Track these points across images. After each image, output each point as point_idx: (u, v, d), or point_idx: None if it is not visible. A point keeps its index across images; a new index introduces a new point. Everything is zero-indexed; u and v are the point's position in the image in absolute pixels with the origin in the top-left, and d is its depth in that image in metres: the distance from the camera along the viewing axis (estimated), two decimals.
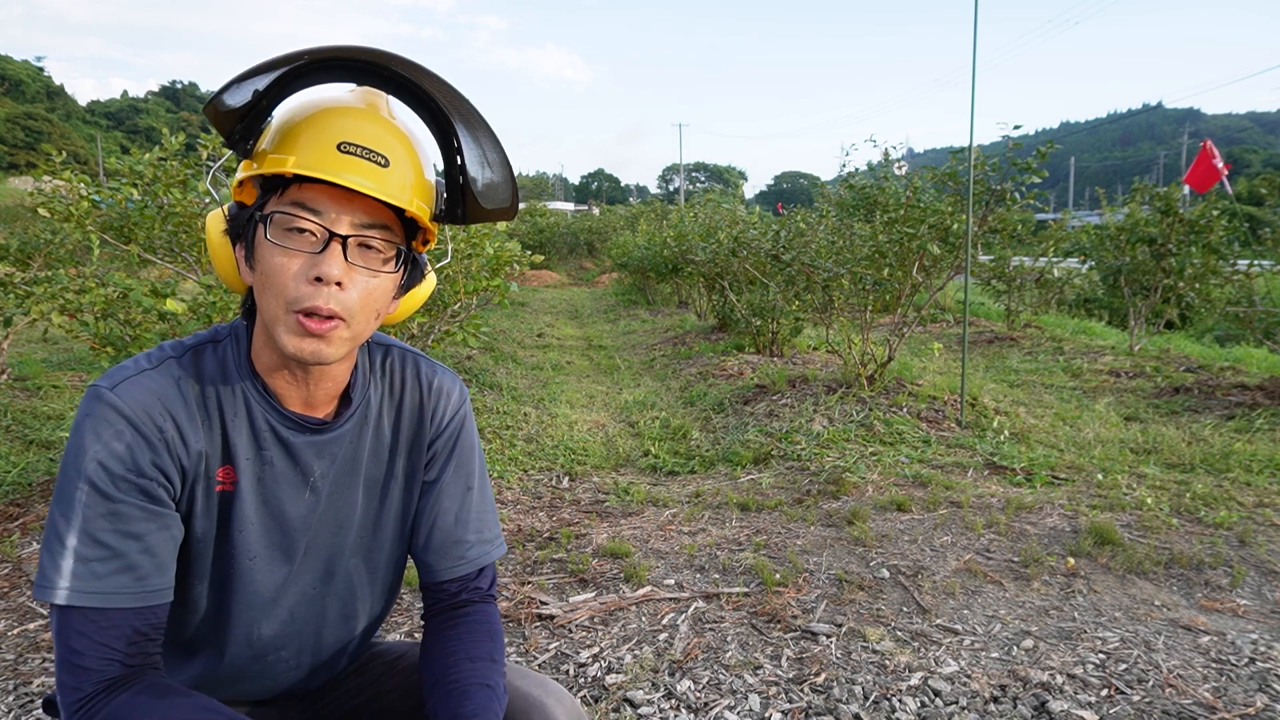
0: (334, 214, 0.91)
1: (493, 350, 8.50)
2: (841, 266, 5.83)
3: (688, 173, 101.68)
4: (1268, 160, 62.14)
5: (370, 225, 0.93)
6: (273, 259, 0.91)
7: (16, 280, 3.67)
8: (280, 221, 0.91)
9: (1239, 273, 7.27)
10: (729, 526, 3.47)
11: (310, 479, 1.04)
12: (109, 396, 0.91)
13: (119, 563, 0.90)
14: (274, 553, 1.04)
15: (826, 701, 2.11)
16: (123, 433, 0.90)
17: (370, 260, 0.94)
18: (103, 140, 60.74)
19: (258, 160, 0.93)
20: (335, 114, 0.92)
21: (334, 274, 0.90)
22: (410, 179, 0.95)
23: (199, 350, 1.00)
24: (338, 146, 0.89)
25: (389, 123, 0.95)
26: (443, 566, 1.15)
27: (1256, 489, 3.85)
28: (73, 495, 0.89)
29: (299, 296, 0.90)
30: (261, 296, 0.93)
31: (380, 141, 0.92)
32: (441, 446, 1.15)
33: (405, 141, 0.96)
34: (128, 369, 0.94)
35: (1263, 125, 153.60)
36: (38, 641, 2.43)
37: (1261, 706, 2.07)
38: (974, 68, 4.88)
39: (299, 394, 1.02)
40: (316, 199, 0.91)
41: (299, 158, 0.89)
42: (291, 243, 0.91)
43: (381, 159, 0.91)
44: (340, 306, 0.91)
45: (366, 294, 0.94)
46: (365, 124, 0.92)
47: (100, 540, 0.89)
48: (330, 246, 0.91)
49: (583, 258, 26.20)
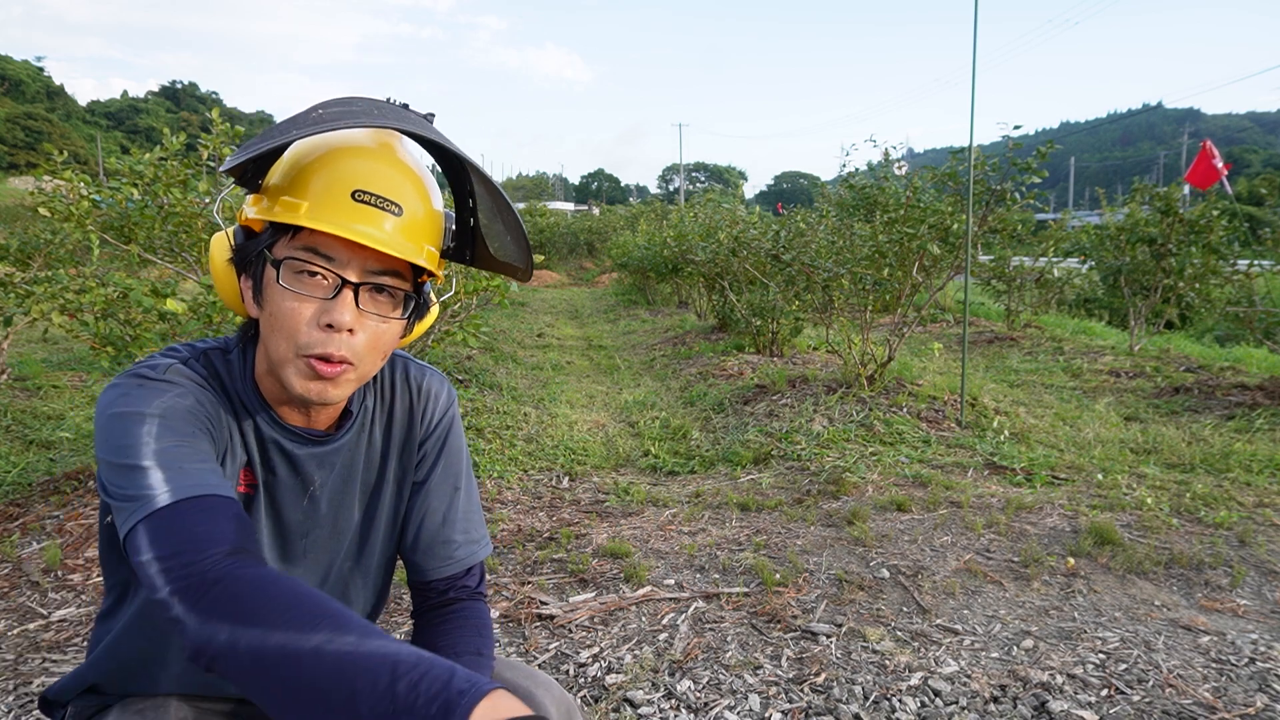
0: (345, 261, 0.91)
1: (493, 350, 8.50)
2: (841, 266, 5.83)
3: (688, 173, 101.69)
4: (1268, 160, 62.14)
5: (381, 272, 0.93)
6: (284, 304, 0.91)
7: (16, 280, 3.67)
8: (292, 266, 0.90)
9: (1239, 273, 7.27)
10: (729, 526, 3.47)
11: (310, 488, 1.06)
12: (163, 375, 0.91)
13: (208, 465, 0.87)
14: (272, 555, 1.06)
15: (826, 701, 2.11)
16: (185, 394, 0.90)
17: (381, 307, 0.95)
18: (103, 140, 60.75)
19: (269, 198, 0.92)
20: (349, 156, 0.91)
21: (345, 321, 0.90)
22: (422, 224, 0.95)
23: (210, 355, 1.00)
24: (352, 195, 0.89)
25: (403, 164, 0.95)
26: (431, 566, 1.16)
27: (1256, 489, 3.85)
28: (138, 432, 0.85)
29: (310, 342, 0.91)
30: (270, 337, 0.93)
31: (394, 187, 0.92)
32: (430, 448, 1.17)
33: (418, 184, 0.95)
34: (160, 361, 0.94)
35: (1263, 125, 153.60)
36: (38, 641, 2.43)
37: (1261, 706, 2.07)
38: (974, 68, 4.88)
39: (300, 418, 1.04)
40: (329, 245, 0.90)
41: (312, 204, 0.89)
42: (303, 288, 0.90)
43: (395, 207, 0.91)
44: (350, 352, 0.92)
45: (375, 338, 0.95)
46: (379, 166, 0.92)
47: (180, 455, 0.85)
48: (342, 293, 0.91)
49: (583, 258, 26.20)
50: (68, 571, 2.89)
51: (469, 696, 0.64)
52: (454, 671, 0.67)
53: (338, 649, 0.69)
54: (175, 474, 0.83)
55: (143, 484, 0.82)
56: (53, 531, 3.19)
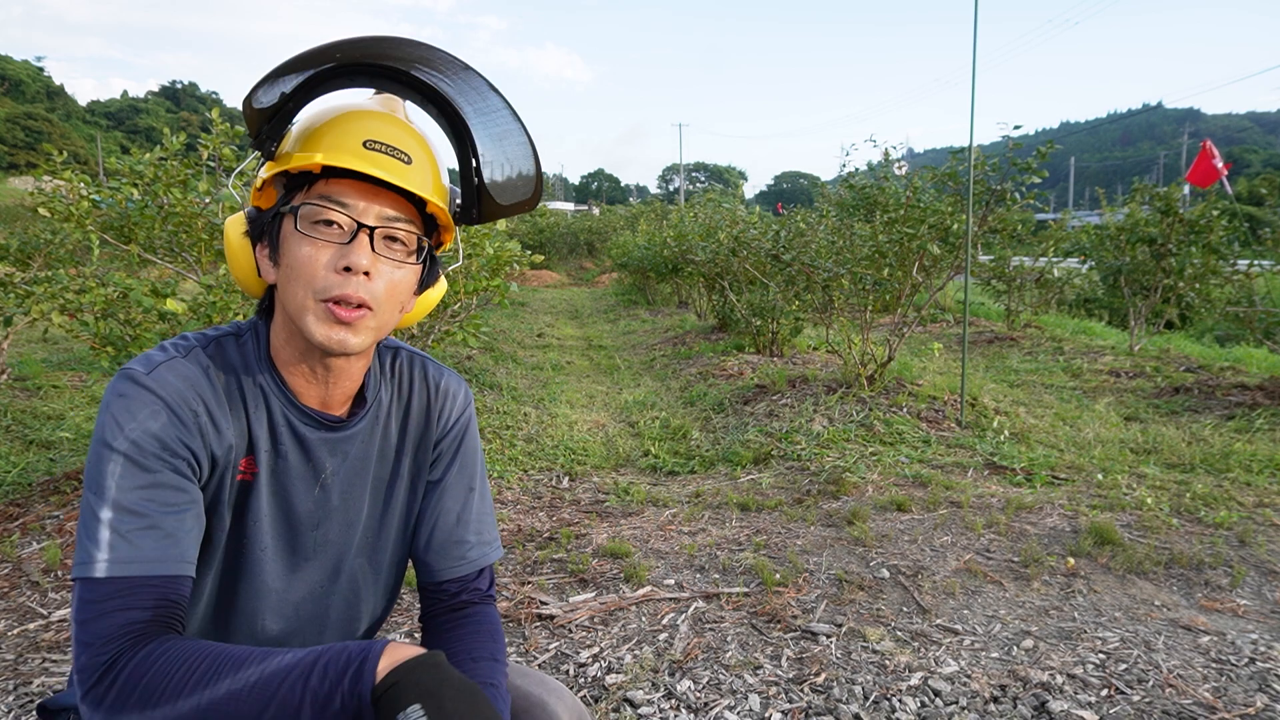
0: (361, 206, 0.94)
1: (493, 350, 8.50)
2: (841, 266, 5.83)
3: (688, 173, 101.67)
4: (1268, 160, 62.13)
5: (395, 218, 0.96)
6: (301, 250, 0.93)
7: (16, 280, 3.67)
8: (308, 214, 0.93)
9: (1239, 273, 7.27)
10: (729, 526, 3.47)
11: (321, 476, 1.06)
12: (144, 379, 0.92)
13: (156, 532, 0.88)
14: (282, 546, 1.05)
15: (826, 701, 2.11)
16: (158, 412, 0.91)
17: (395, 252, 0.97)
18: (103, 140, 60.74)
19: (282, 161, 0.96)
20: (358, 116, 0.96)
21: (362, 263, 0.92)
22: (429, 177, 0.99)
23: (222, 341, 1.01)
24: (363, 144, 0.93)
25: (408, 125, 0.99)
26: (443, 566, 1.15)
27: (1256, 489, 3.86)
28: (105, 470, 0.88)
29: (328, 285, 0.93)
30: (287, 288, 0.95)
31: (402, 141, 0.96)
32: (446, 447, 1.17)
33: (423, 144, 1.00)
34: (158, 356, 0.95)
35: (1263, 125, 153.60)
36: (38, 641, 2.43)
37: (1261, 706, 2.07)
38: (974, 68, 4.88)
39: (317, 392, 1.04)
40: (344, 192, 0.94)
41: (327, 153, 0.93)
42: (320, 234, 0.93)
43: (404, 156, 0.95)
44: (368, 295, 0.94)
45: (391, 285, 0.97)
46: (387, 125, 0.96)
47: (134, 510, 0.88)
48: (358, 237, 0.93)
49: (583, 258, 26.20)
50: (68, 571, 2.89)
51: (370, 657, 0.77)
52: (346, 649, 0.79)
53: (246, 682, 0.78)
54: (119, 541, 0.87)
55: (93, 538, 0.87)
56: (53, 531, 3.19)
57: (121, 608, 0.85)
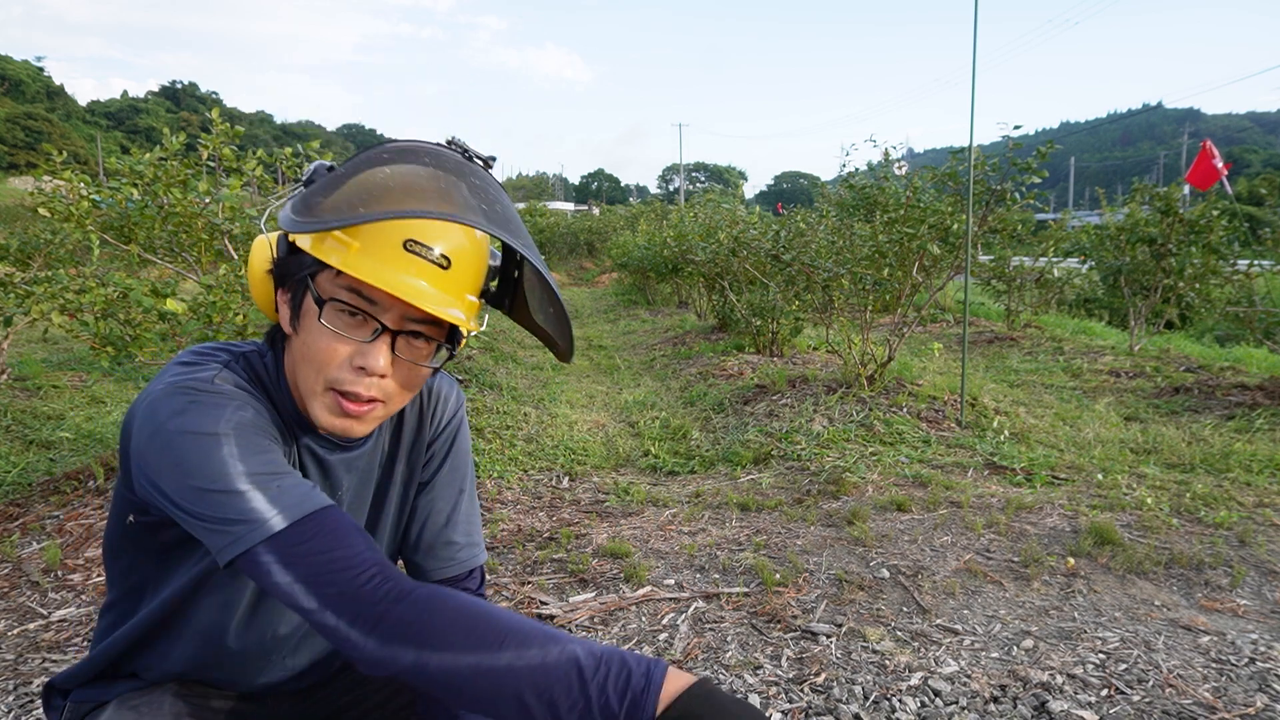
0: (387, 306, 0.91)
1: (493, 350, 8.50)
2: (841, 266, 5.83)
3: (688, 173, 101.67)
4: (1268, 160, 62.13)
5: (420, 321, 0.94)
6: (320, 341, 0.91)
7: (16, 280, 3.67)
8: (335, 307, 0.91)
9: (1239, 273, 7.27)
10: (729, 526, 3.46)
11: (338, 494, 1.08)
12: (210, 386, 0.90)
13: (302, 483, 0.87)
14: None
15: (826, 701, 2.11)
16: (244, 406, 0.90)
17: (415, 353, 0.96)
18: (103, 140, 60.73)
19: (321, 223, 0.83)
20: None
21: (379, 367, 0.92)
22: (468, 277, 0.94)
23: (249, 359, 1.01)
24: (404, 244, 0.88)
25: None
26: (433, 567, 1.16)
27: (1256, 489, 3.85)
28: (220, 454, 0.84)
29: (340, 379, 0.92)
30: (301, 366, 0.94)
31: (446, 238, 0.90)
32: (438, 449, 1.17)
33: (471, 236, 0.94)
34: (201, 374, 0.92)
35: (1263, 125, 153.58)
36: (38, 641, 2.42)
37: (1261, 706, 2.07)
38: (974, 68, 4.88)
39: None
40: (375, 290, 0.90)
41: (363, 246, 0.87)
42: (342, 328, 0.91)
43: (445, 261, 0.90)
44: (380, 393, 0.94)
45: (406, 380, 0.96)
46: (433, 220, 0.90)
47: (271, 471, 0.86)
48: (379, 339, 0.91)
49: (583, 258, 26.20)
50: (68, 571, 2.89)
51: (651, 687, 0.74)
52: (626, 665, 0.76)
53: (528, 664, 0.77)
54: (276, 494, 0.84)
55: (245, 508, 0.83)
56: (53, 531, 3.19)
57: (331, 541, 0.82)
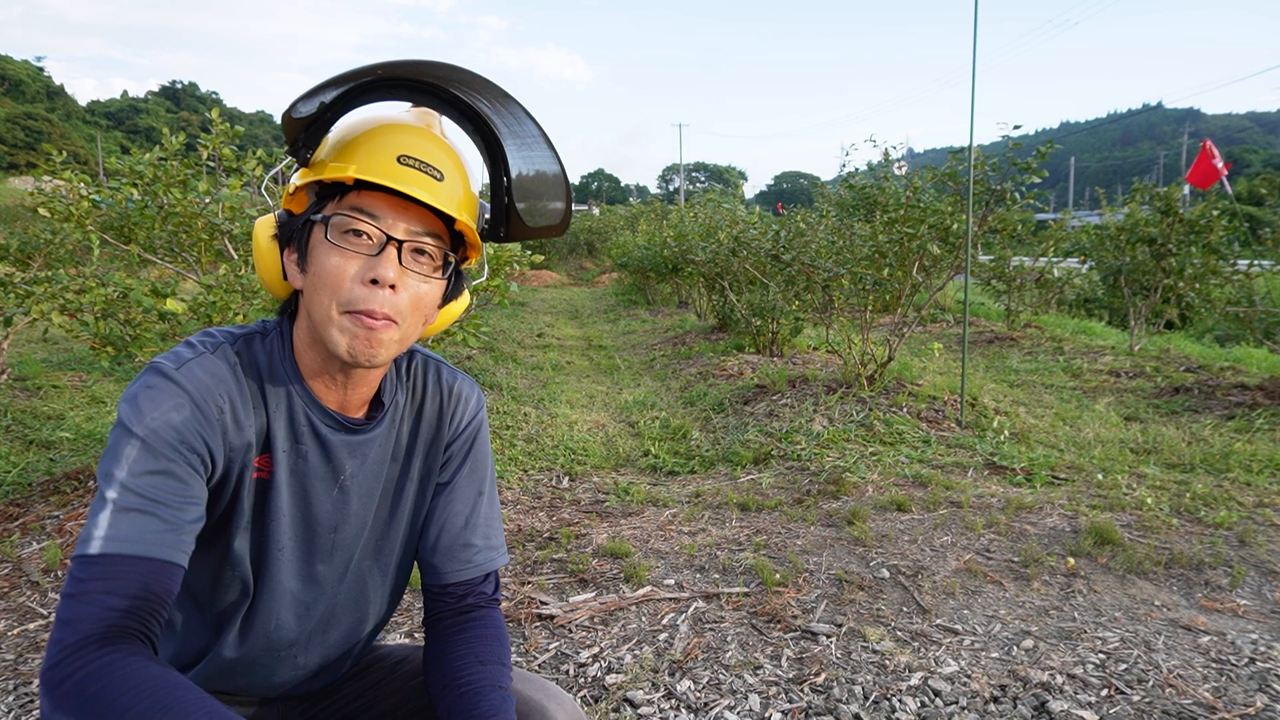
0: (391, 220, 0.95)
1: (493, 350, 8.50)
2: (841, 266, 5.83)
3: (688, 173, 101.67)
4: (1268, 160, 62.12)
5: (424, 233, 0.97)
6: (329, 260, 0.94)
7: (16, 280, 3.67)
8: (339, 224, 0.94)
9: (1239, 273, 7.27)
10: (729, 526, 3.46)
11: (341, 477, 1.07)
12: (174, 374, 0.93)
13: (155, 518, 0.89)
14: (300, 547, 1.06)
15: (826, 701, 2.11)
16: (182, 405, 0.92)
17: (422, 266, 0.98)
18: (103, 140, 60.73)
19: (316, 169, 0.97)
20: (393, 130, 0.97)
21: (389, 276, 0.94)
22: (460, 195, 1.00)
23: (250, 339, 1.02)
24: (397, 159, 0.94)
25: (442, 141, 1.00)
26: (450, 569, 1.15)
27: (1256, 489, 3.85)
28: (120, 453, 0.89)
29: (354, 298, 0.94)
30: (314, 297, 0.96)
31: (435, 157, 0.97)
32: (457, 450, 1.17)
33: (456, 160, 1.00)
34: (186, 352, 0.96)
35: (1263, 125, 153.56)
36: (38, 641, 2.43)
37: (1261, 706, 2.07)
38: (974, 68, 4.88)
39: (335, 396, 1.05)
40: (375, 205, 0.95)
41: (360, 165, 0.93)
42: (349, 244, 0.94)
43: (437, 173, 0.96)
44: (393, 309, 0.95)
45: (417, 298, 0.98)
46: (421, 140, 0.97)
47: (139, 492, 0.89)
48: (386, 250, 0.95)
49: (583, 258, 26.21)
50: (69, 570, 2.89)
51: None
52: None
53: None
54: (119, 519, 0.87)
55: (95, 517, 0.88)
56: (53, 531, 3.19)
57: (103, 590, 0.85)
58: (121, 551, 0.86)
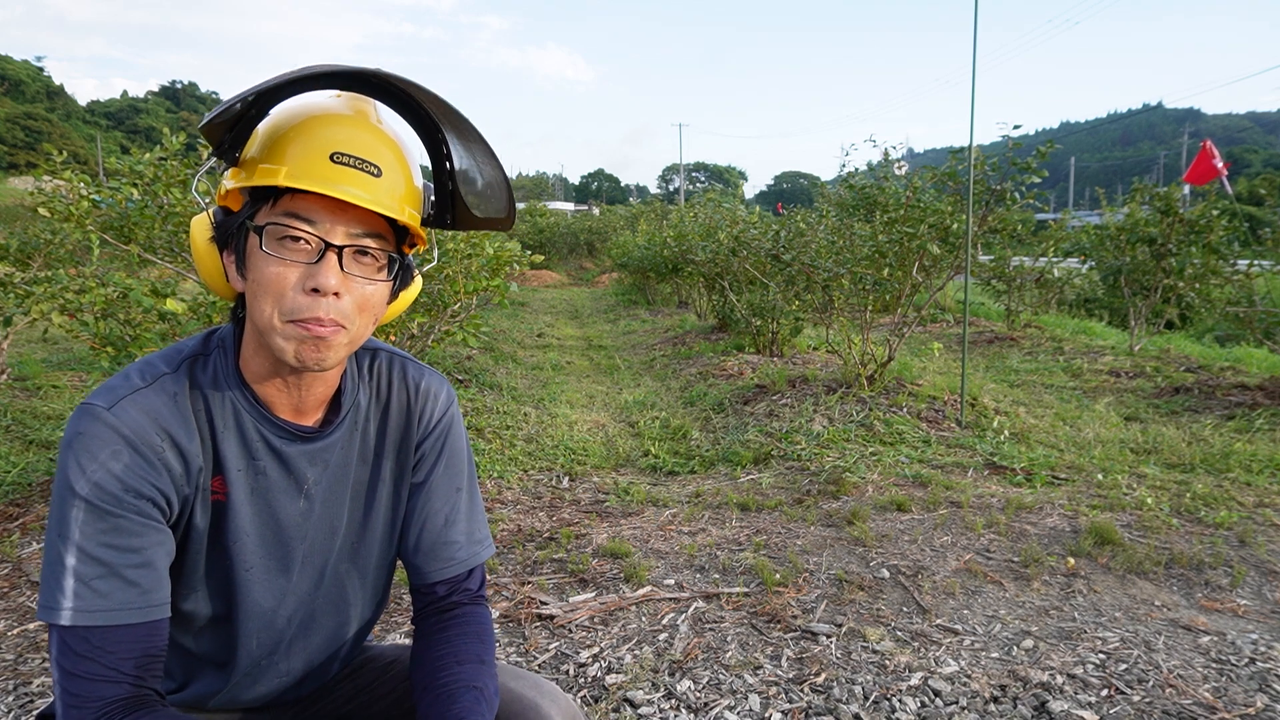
0: (328, 224, 0.90)
1: (493, 350, 8.50)
2: (841, 266, 5.83)
3: (688, 173, 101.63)
4: (1268, 160, 62.11)
5: (364, 234, 0.92)
6: (268, 269, 0.89)
7: (16, 280, 3.67)
8: (274, 232, 0.89)
9: (1239, 273, 7.27)
10: (729, 526, 3.46)
11: (304, 486, 1.04)
12: (105, 416, 0.89)
13: (119, 579, 0.88)
14: (271, 563, 1.04)
15: (826, 701, 2.11)
16: (120, 452, 0.89)
17: (365, 269, 0.94)
18: (103, 140, 60.71)
19: (247, 169, 0.91)
20: (325, 122, 0.91)
21: (331, 285, 0.89)
22: (401, 187, 0.94)
23: (193, 362, 0.98)
24: (330, 157, 0.88)
25: (378, 130, 0.94)
26: (432, 568, 1.14)
27: (1256, 489, 3.85)
28: (68, 515, 0.87)
29: (296, 307, 0.89)
30: (256, 305, 0.91)
31: (371, 150, 0.91)
32: (429, 448, 1.15)
33: (395, 149, 0.95)
34: (120, 387, 0.92)
35: (1263, 125, 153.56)
36: (37, 641, 2.43)
37: (1261, 706, 2.07)
38: (974, 68, 4.88)
39: (289, 400, 1.01)
40: (310, 209, 0.89)
41: (291, 168, 0.88)
42: (286, 253, 0.89)
43: (374, 168, 0.90)
44: (339, 314, 0.91)
45: (363, 301, 0.94)
46: (356, 132, 0.91)
47: (98, 557, 0.87)
48: (326, 257, 0.90)
49: (583, 258, 26.20)
50: None
51: None
52: None
53: None
54: (83, 589, 0.87)
55: (59, 584, 0.86)
56: None
57: (103, 668, 0.86)
58: (101, 624, 0.87)
